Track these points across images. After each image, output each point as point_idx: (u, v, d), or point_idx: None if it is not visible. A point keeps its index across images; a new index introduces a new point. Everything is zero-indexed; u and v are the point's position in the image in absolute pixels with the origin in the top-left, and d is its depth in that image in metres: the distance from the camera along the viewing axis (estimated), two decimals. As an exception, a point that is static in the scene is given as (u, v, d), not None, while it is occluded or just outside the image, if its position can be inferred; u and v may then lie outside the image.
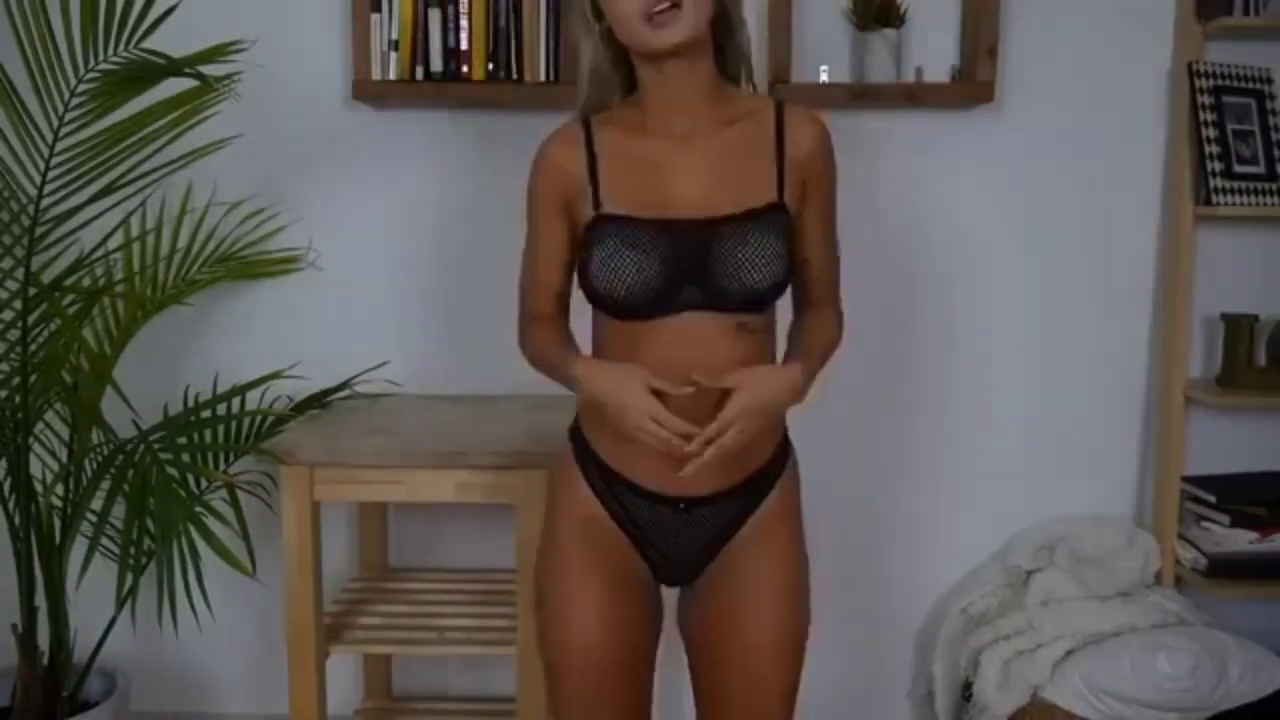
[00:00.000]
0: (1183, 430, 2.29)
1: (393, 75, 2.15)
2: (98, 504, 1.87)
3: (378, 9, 2.14)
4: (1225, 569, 2.21)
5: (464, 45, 2.14)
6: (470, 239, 2.31)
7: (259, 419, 2.16)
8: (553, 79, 2.13)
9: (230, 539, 1.83)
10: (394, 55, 2.15)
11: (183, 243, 2.25)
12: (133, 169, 1.92)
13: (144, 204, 2.11)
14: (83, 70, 1.80)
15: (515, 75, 2.14)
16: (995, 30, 2.15)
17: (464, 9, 2.13)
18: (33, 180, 1.87)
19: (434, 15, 2.13)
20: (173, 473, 1.83)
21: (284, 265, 2.29)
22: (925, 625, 2.43)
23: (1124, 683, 2.06)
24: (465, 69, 2.14)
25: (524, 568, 1.83)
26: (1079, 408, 2.36)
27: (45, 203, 1.87)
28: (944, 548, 2.40)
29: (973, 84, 2.18)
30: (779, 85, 2.13)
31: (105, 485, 1.85)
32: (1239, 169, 2.19)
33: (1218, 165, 2.18)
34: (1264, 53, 2.25)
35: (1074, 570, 2.25)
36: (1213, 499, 2.26)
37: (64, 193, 1.88)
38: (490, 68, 2.14)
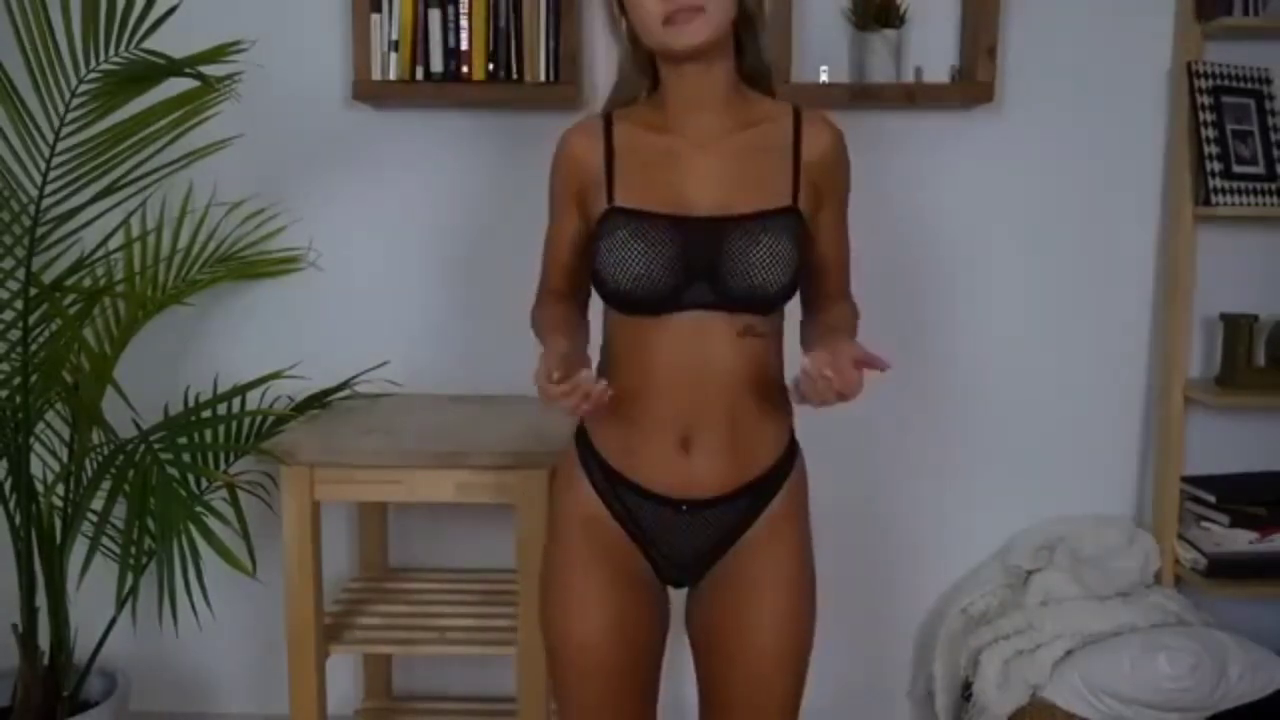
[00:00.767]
0: (1182, 430, 2.30)
1: (393, 75, 2.15)
2: (98, 504, 1.87)
3: (378, 9, 2.14)
4: (1225, 569, 2.21)
5: (464, 45, 2.14)
6: (470, 239, 2.31)
7: (259, 419, 2.16)
8: (553, 79, 2.13)
9: (230, 539, 1.83)
10: (394, 55, 2.15)
11: (183, 243, 2.25)
12: (133, 169, 1.92)
13: (144, 204, 2.11)
14: (83, 70, 1.80)
15: (515, 75, 2.14)
16: (995, 30, 2.15)
17: (464, 9, 2.13)
18: (33, 180, 1.87)
19: (434, 15, 2.13)
20: (173, 473, 1.83)
21: (284, 265, 2.29)
22: (925, 625, 2.43)
23: (1124, 683, 2.06)
24: (465, 69, 2.14)
25: (524, 567, 1.83)
26: (1079, 408, 2.36)
27: (46, 203, 1.87)
28: (944, 548, 2.40)
29: (972, 84, 2.18)
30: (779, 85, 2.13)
31: (106, 485, 1.86)
32: (1238, 169, 2.19)
33: (1217, 165, 2.18)
34: (1263, 53, 2.25)
35: (1074, 570, 2.25)
36: (1212, 499, 2.26)
37: (65, 193, 1.88)
38: (490, 68, 2.14)
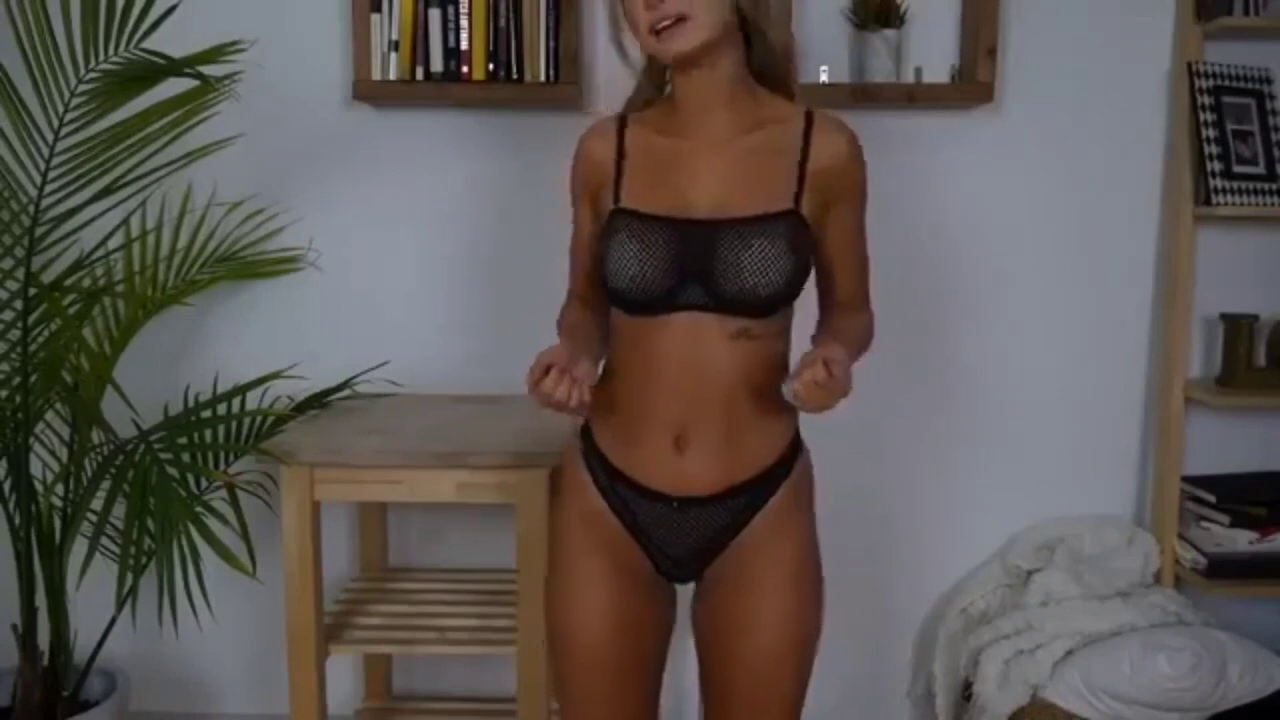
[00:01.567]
0: (1182, 430, 2.29)
1: (393, 75, 2.15)
2: (98, 504, 1.87)
3: (378, 9, 2.14)
4: (1225, 569, 2.21)
5: (464, 45, 2.14)
6: (470, 239, 2.31)
7: (259, 419, 2.16)
8: (553, 79, 2.13)
9: (230, 539, 1.84)
10: (394, 55, 2.14)
11: (183, 243, 2.25)
12: (133, 169, 1.92)
13: (144, 204, 2.11)
14: (83, 70, 1.80)
15: (515, 75, 2.14)
16: (995, 30, 2.15)
17: (464, 9, 2.13)
18: (33, 180, 1.87)
19: (434, 15, 2.13)
20: (173, 473, 1.83)
21: (284, 265, 2.29)
22: (925, 625, 2.43)
23: (1124, 682, 2.06)
24: (465, 69, 2.14)
25: (524, 567, 1.83)
26: (1079, 408, 2.36)
27: (45, 203, 1.87)
28: (944, 547, 2.40)
29: (972, 84, 2.18)
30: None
31: (105, 485, 1.85)
32: (1238, 169, 2.19)
33: (1217, 165, 2.18)
34: (1264, 53, 2.25)
35: (1074, 570, 2.25)
36: (1212, 499, 2.26)
37: (64, 193, 1.88)
38: (490, 68, 2.14)
